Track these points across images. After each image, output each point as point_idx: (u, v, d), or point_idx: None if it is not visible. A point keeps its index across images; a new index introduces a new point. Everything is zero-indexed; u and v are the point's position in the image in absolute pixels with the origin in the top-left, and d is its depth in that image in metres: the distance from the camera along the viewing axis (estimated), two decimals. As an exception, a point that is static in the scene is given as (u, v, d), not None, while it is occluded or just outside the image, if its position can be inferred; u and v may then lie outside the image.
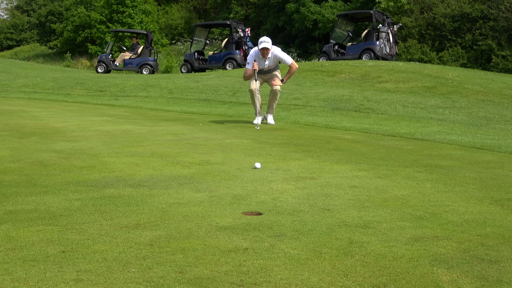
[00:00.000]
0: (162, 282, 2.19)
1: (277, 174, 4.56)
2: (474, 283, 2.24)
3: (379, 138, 7.40)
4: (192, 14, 43.57)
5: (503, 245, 2.75)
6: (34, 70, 27.49)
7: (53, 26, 44.22)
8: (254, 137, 7.07)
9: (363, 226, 3.03)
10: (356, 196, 3.80)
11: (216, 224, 3.03)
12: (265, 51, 8.76)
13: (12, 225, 2.95)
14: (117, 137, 6.67)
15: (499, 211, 3.47)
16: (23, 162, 4.88)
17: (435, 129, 8.69)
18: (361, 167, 4.96)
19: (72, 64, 36.65)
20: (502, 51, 24.90)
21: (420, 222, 3.14)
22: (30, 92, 17.00)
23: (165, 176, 4.35)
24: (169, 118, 9.77)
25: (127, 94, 15.79)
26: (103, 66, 26.80)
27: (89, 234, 2.80)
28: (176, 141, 6.46)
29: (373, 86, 14.74)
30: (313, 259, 2.48)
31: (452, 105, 11.88)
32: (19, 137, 6.48)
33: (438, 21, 27.18)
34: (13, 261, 2.39)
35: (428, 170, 4.89)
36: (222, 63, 24.82)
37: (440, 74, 16.51)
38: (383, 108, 11.38)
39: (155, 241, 2.70)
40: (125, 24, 36.22)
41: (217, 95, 14.48)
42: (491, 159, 5.70)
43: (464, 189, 4.11)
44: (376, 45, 22.22)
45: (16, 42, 54.85)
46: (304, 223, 3.08)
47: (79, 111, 10.97)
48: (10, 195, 3.64)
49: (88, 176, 4.32)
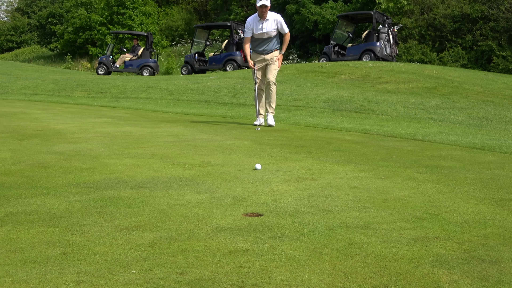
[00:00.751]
0: (162, 283, 2.19)
1: (278, 175, 4.56)
2: (474, 283, 2.24)
3: (379, 139, 7.40)
4: (193, 16, 43.60)
5: (503, 245, 2.75)
6: (35, 72, 27.50)
7: (54, 28, 44.27)
8: (255, 138, 7.07)
9: (364, 227, 3.03)
10: (356, 197, 3.80)
11: (217, 225, 3.03)
12: (263, 10, 8.21)
13: (12, 227, 2.95)
14: (117, 139, 6.67)
15: (499, 211, 3.47)
16: (23, 164, 4.89)
17: (435, 130, 8.69)
18: (361, 168, 4.96)
19: (73, 66, 36.70)
20: (502, 51, 24.90)
21: (421, 223, 3.14)
22: (30, 94, 17.01)
23: (166, 178, 4.35)
24: (170, 120, 9.77)
25: (128, 95, 15.80)
26: (103, 67, 26.82)
27: (89, 235, 2.80)
28: (176, 142, 6.46)
29: (374, 87, 14.74)
30: (313, 260, 2.48)
31: (452, 105, 11.88)
32: (20, 139, 6.48)
33: (439, 21, 27.18)
34: (14, 263, 2.39)
35: (429, 171, 4.89)
36: (222, 65, 24.85)
37: (440, 74, 16.51)
38: (383, 109, 11.38)
39: (155, 242, 2.70)
40: (125, 26, 36.25)
41: (217, 96, 14.49)
42: (492, 159, 5.70)
43: (465, 189, 4.11)
44: (377, 46, 22.23)
45: (16, 44, 54.92)
46: (305, 224, 3.08)
47: (79, 113, 10.97)
48: (10, 197, 3.64)
49: (88, 177, 4.32)
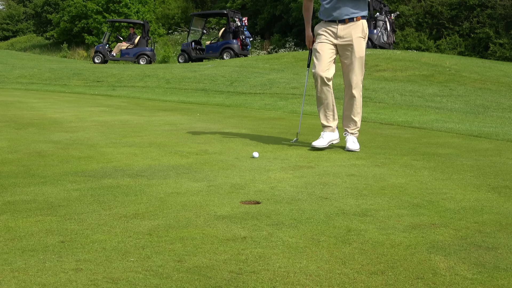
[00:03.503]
0: (161, 271, 2.20)
1: (275, 163, 4.56)
2: (471, 269, 2.26)
3: (376, 126, 7.40)
4: (189, 4, 43.40)
5: (500, 232, 2.76)
6: (31, 61, 27.40)
7: (50, 16, 44.05)
8: (252, 126, 7.07)
9: (361, 214, 3.04)
10: (354, 184, 3.81)
11: (215, 213, 3.04)
12: None
13: (11, 215, 2.95)
14: (114, 128, 6.66)
15: (496, 198, 3.48)
16: (21, 153, 4.88)
17: (432, 117, 8.70)
18: (358, 156, 4.97)
19: (69, 55, 36.56)
20: (499, 39, 24.88)
21: (418, 210, 3.15)
22: (27, 83, 16.96)
23: (163, 166, 4.36)
24: (167, 108, 9.76)
25: (124, 84, 15.76)
26: (100, 56, 26.73)
27: (88, 224, 2.81)
28: (174, 131, 6.46)
29: (371, 74, 14.73)
30: (311, 247, 2.50)
31: (449, 93, 11.88)
32: (17, 128, 6.47)
33: (436, 9, 27.11)
34: (12, 251, 2.39)
35: (426, 158, 4.90)
36: (219, 53, 24.79)
37: (437, 62, 16.49)
38: (380, 97, 11.38)
39: (153, 230, 2.71)
40: (121, 14, 36.10)
41: (214, 84, 14.46)
42: (489, 147, 5.71)
43: (462, 176, 4.12)
44: (374, 33, 22.18)
45: (12, 33, 54.66)
46: (302, 211, 3.09)
47: (76, 102, 10.95)
48: (8, 186, 3.64)
49: (86, 166, 4.33)
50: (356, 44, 5.06)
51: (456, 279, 2.16)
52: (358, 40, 5.07)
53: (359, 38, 5.08)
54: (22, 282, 2.07)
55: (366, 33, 5.14)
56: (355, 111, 5.27)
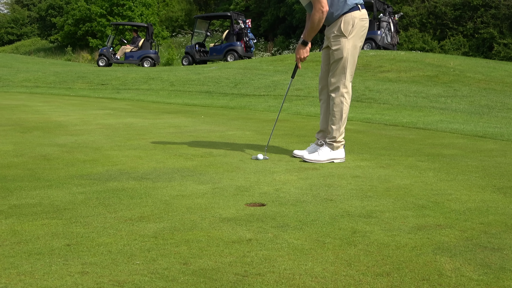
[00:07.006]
0: (166, 273, 2.20)
1: (280, 165, 4.56)
2: (477, 270, 2.25)
3: (381, 128, 7.40)
4: (193, 6, 43.47)
5: (505, 232, 2.76)
6: (35, 65, 27.48)
7: (54, 20, 44.20)
8: (256, 128, 7.08)
9: (366, 216, 3.04)
10: (358, 186, 3.81)
11: (220, 215, 3.04)
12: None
13: (16, 219, 2.96)
14: (119, 130, 6.68)
15: (501, 199, 3.48)
16: (26, 156, 4.90)
17: (437, 118, 8.68)
18: (363, 157, 4.97)
19: (73, 58, 36.68)
20: (504, 39, 24.82)
21: (423, 211, 3.15)
22: (31, 86, 17.01)
23: (168, 169, 4.36)
24: (171, 111, 9.77)
25: (129, 87, 15.79)
26: (104, 59, 26.81)
27: (93, 227, 2.82)
28: (178, 133, 6.47)
29: (375, 75, 14.71)
30: (316, 249, 2.49)
31: (454, 93, 11.86)
32: (22, 132, 6.49)
33: (439, 9, 27.07)
34: (18, 255, 2.40)
35: (431, 159, 4.89)
36: (223, 55, 24.82)
37: (441, 63, 16.46)
38: (385, 98, 11.36)
39: (159, 233, 2.72)
40: (125, 17, 36.19)
41: (218, 87, 14.48)
42: (494, 147, 5.70)
43: (467, 177, 4.11)
44: (377, 34, 22.16)
45: (16, 36, 54.84)
46: (307, 213, 3.09)
47: (81, 105, 10.98)
48: (14, 190, 3.65)
49: (91, 169, 4.33)
50: (332, 44, 4.71)
51: (462, 280, 2.15)
52: (333, 39, 4.69)
53: (335, 37, 4.68)
54: (28, 286, 2.07)
55: (348, 29, 4.64)
56: (331, 116, 4.78)
